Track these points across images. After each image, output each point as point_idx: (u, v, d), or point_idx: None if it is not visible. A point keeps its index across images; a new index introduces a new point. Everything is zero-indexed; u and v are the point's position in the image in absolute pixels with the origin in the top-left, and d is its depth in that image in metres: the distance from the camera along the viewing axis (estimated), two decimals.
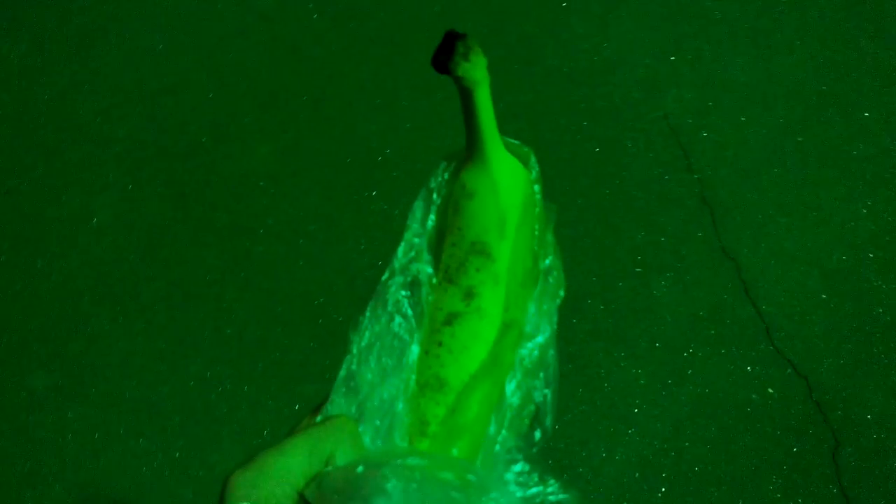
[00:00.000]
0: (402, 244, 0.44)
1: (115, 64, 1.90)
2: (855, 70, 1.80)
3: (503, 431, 0.41)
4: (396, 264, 0.44)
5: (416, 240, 0.45)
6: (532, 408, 0.42)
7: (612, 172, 1.72)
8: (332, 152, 1.79)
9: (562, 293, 0.44)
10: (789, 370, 1.57)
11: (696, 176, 1.71)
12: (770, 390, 1.56)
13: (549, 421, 0.42)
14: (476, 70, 0.42)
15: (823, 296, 1.62)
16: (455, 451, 0.42)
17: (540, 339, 0.43)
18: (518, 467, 0.41)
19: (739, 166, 1.72)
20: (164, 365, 1.63)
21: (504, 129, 0.45)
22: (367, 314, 0.43)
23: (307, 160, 1.78)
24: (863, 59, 1.80)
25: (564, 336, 1.59)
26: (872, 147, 1.72)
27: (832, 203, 1.68)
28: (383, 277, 0.43)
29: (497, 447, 0.41)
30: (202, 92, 1.86)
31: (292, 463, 0.35)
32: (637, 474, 1.52)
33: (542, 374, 0.43)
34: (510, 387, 0.42)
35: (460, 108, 0.44)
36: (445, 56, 0.41)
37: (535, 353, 0.43)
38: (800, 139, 1.74)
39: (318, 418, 0.40)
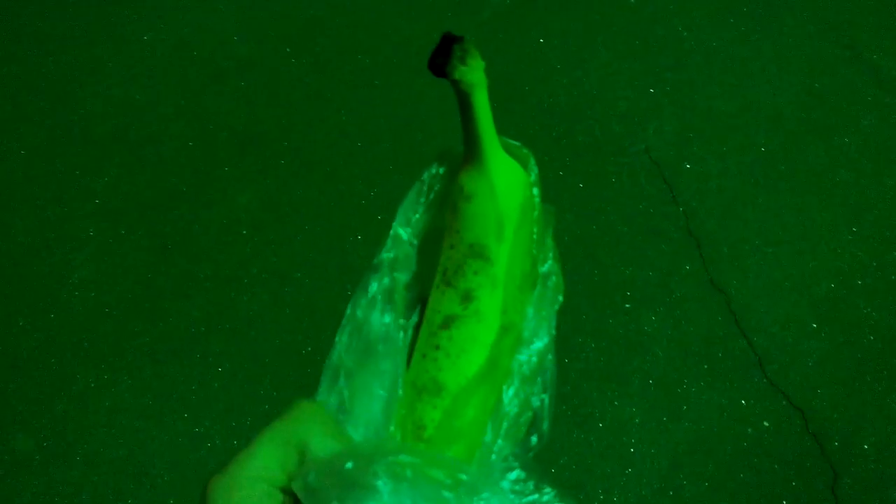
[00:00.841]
0: (389, 237, 0.44)
1: (92, 116, 1.88)
2: (833, 95, 1.81)
3: (499, 440, 0.40)
4: (382, 255, 0.43)
5: (402, 231, 0.44)
6: (530, 414, 0.42)
7: (598, 207, 1.72)
8: (314, 197, 1.77)
9: (560, 298, 0.44)
10: (784, 402, 1.56)
11: (681, 208, 1.71)
12: (765, 423, 1.54)
13: (545, 426, 0.41)
14: (473, 73, 0.41)
15: (814, 325, 1.61)
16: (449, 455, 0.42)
17: (539, 344, 0.43)
18: (514, 475, 0.41)
19: (723, 196, 1.72)
20: (151, 422, 1.60)
21: None
22: (350, 305, 0.42)
23: (290, 206, 1.77)
24: (840, 84, 1.81)
25: (557, 376, 1.57)
26: (854, 172, 1.73)
27: (817, 230, 1.69)
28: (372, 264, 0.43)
29: (493, 456, 0.40)
30: (181, 141, 1.84)
31: (265, 459, 0.34)
32: None
33: (539, 380, 0.42)
34: (508, 394, 0.41)
35: (457, 114, 0.43)
36: (442, 59, 0.41)
37: (534, 359, 0.42)
38: (782, 167, 1.75)
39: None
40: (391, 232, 0.44)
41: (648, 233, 1.69)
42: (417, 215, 0.45)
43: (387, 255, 0.43)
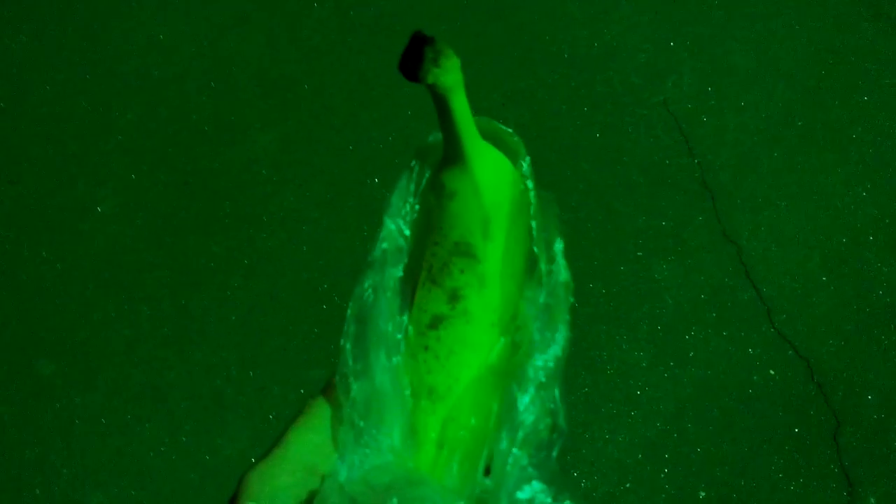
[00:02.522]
0: (381, 228, 0.43)
1: (116, 55, 1.91)
2: (853, 54, 1.80)
3: (514, 450, 0.39)
4: (376, 252, 0.42)
5: (391, 224, 0.43)
6: (549, 420, 0.40)
7: (614, 158, 1.73)
8: (333, 140, 1.79)
9: (571, 298, 0.42)
10: (790, 352, 1.58)
11: (696, 160, 1.72)
12: (771, 372, 1.57)
13: (561, 419, 0.40)
14: (448, 75, 0.39)
15: (824, 278, 1.63)
16: (455, 467, 0.41)
17: (555, 349, 0.41)
18: (530, 487, 0.39)
19: (739, 150, 1.73)
20: (169, 351, 1.65)
21: (504, 116, 0.44)
22: (354, 295, 0.42)
23: (309, 148, 1.79)
24: (861, 42, 1.81)
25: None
26: (872, 130, 1.73)
27: (832, 186, 1.69)
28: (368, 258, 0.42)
29: (508, 467, 0.39)
30: (204, 81, 1.86)
31: (298, 450, 0.37)
32: (640, 455, 1.53)
33: (558, 386, 0.41)
34: (523, 401, 0.40)
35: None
36: (413, 63, 0.38)
37: (550, 364, 0.41)
38: (799, 123, 1.75)
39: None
40: (383, 223, 0.43)
41: (663, 183, 1.70)
42: (408, 205, 0.43)
43: (380, 250, 0.42)
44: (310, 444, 0.38)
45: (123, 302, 1.69)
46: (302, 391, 1.57)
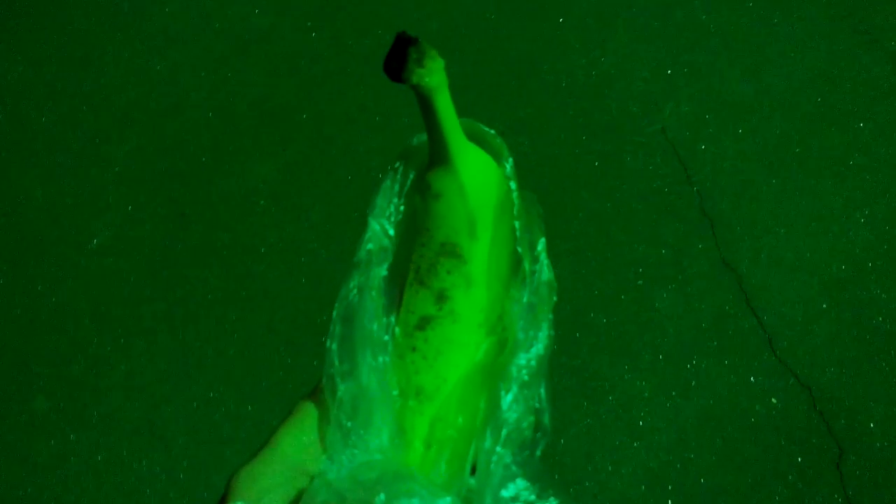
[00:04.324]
0: (367, 228, 0.43)
1: (113, 85, 1.90)
2: (849, 81, 1.82)
3: (498, 448, 0.39)
4: (361, 252, 0.43)
5: (376, 225, 0.43)
6: (532, 419, 0.40)
7: (613, 186, 1.73)
8: (332, 170, 1.79)
9: (554, 297, 0.42)
10: (792, 380, 1.57)
11: (695, 188, 1.72)
12: (774, 401, 1.56)
13: (547, 419, 0.40)
14: (432, 76, 0.39)
15: (824, 305, 1.63)
16: (443, 466, 0.41)
17: (538, 348, 0.41)
18: (515, 485, 0.39)
19: (738, 178, 1.74)
20: (166, 386, 1.63)
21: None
22: (339, 296, 0.42)
23: (307, 178, 1.79)
24: (857, 70, 1.82)
25: (568, 350, 1.59)
26: (868, 157, 1.74)
27: (830, 213, 1.70)
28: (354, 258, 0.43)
29: (492, 465, 0.39)
30: (201, 112, 1.86)
31: (285, 451, 0.37)
32: (643, 487, 1.52)
33: (543, 384, 0.41)
34: (506, 400, 0.40)
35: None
36: (398, 63, 0.39)
37: (533, 363, 0.40)
38: (797, 150, 1.76)
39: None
40: (368, 224, 0.43)
41: (662, 211, 1.70)
42: (392, 206, 0.43)
43: (364, 251, 0.42)
44: (298, 444, 0.38)
45: (119, 336, 1.67)
46: None
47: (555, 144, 1.77)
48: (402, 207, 0.44)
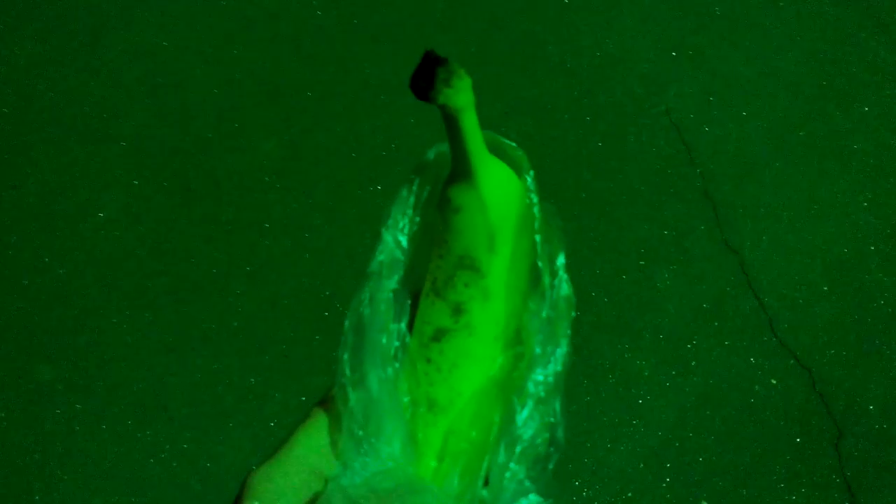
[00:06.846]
0: (380, 240, 0.43)
1: (120, 60, 1.91)
2: (854, 65, 1.81)
3: (512, 464, 0.39)
4: (373, 264, 0.42)
5: (389, 237, 0.43)
6: (547, 435, 0.40)
7: (615, 167, 1.74)
8: (336, 147, 1.80)
9: (573, 313, 0.42)
10: (792, 361, 1.58)
11: (698, 170, 1.73)
12: (773, 381, 1.57)
13: (560, 433, 0.40)
14: (460, 96, 0.38)
15: (825, 288, 1.63)
16: (456, 479, 0.41)
17: (556, 364, 0.41)
18: (527, 500, 0.39)
19: (741, 160, 1.74)
20: (171, 358, 1.64)
21: (507, 126, 0.44)
22: (351, 307, 0.42)
23: (312, 155, 1.80)
24: (862, 53, 1.82)
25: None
26: (872, 141, 1.74)
27: (833, 196, 1.70)
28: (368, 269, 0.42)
29: (505, 481, 0.39)
30: (207, 88, 1.87)
31: (302, 452, 0.38)
32: (641, 465, 1.53)
33: (558, 401, 0.40)
34: (522, 416, 0.40)
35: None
36: (425, 83, 0.38)
37: (550, 380, 0.40)
38: (801, 133, 1.76)
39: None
40: (381, 236, 0.43)
41: (665, 193, 1.71)
42: (406, 219, 0.43)
43: (377, 262, 0.42)
44: (315, 447, 0.38)
45: (125, 308, 1.69)
46: (304, 398, 1.57)
47: (559, 125, 1.77)
48: (417, 219, 0.43)
